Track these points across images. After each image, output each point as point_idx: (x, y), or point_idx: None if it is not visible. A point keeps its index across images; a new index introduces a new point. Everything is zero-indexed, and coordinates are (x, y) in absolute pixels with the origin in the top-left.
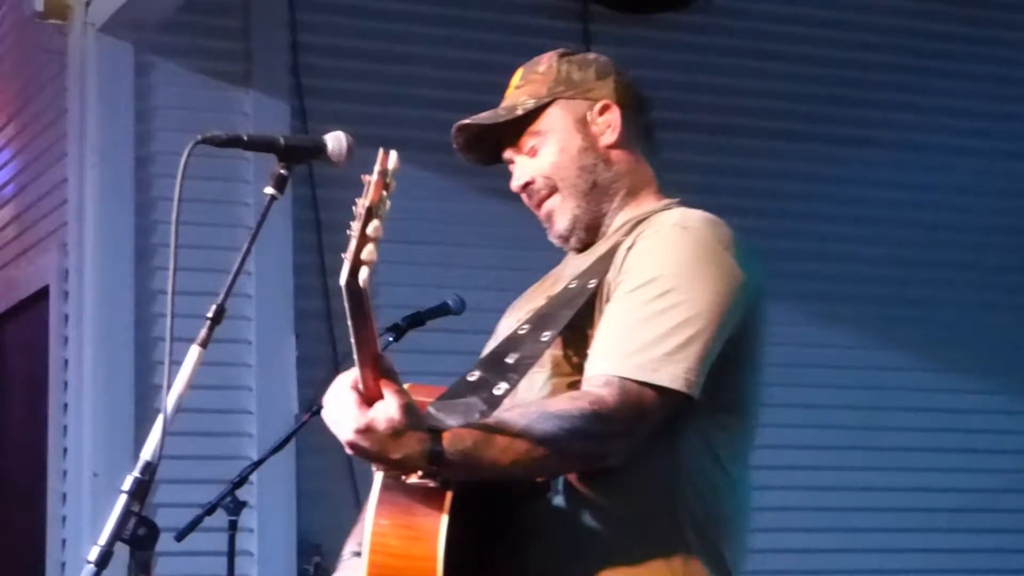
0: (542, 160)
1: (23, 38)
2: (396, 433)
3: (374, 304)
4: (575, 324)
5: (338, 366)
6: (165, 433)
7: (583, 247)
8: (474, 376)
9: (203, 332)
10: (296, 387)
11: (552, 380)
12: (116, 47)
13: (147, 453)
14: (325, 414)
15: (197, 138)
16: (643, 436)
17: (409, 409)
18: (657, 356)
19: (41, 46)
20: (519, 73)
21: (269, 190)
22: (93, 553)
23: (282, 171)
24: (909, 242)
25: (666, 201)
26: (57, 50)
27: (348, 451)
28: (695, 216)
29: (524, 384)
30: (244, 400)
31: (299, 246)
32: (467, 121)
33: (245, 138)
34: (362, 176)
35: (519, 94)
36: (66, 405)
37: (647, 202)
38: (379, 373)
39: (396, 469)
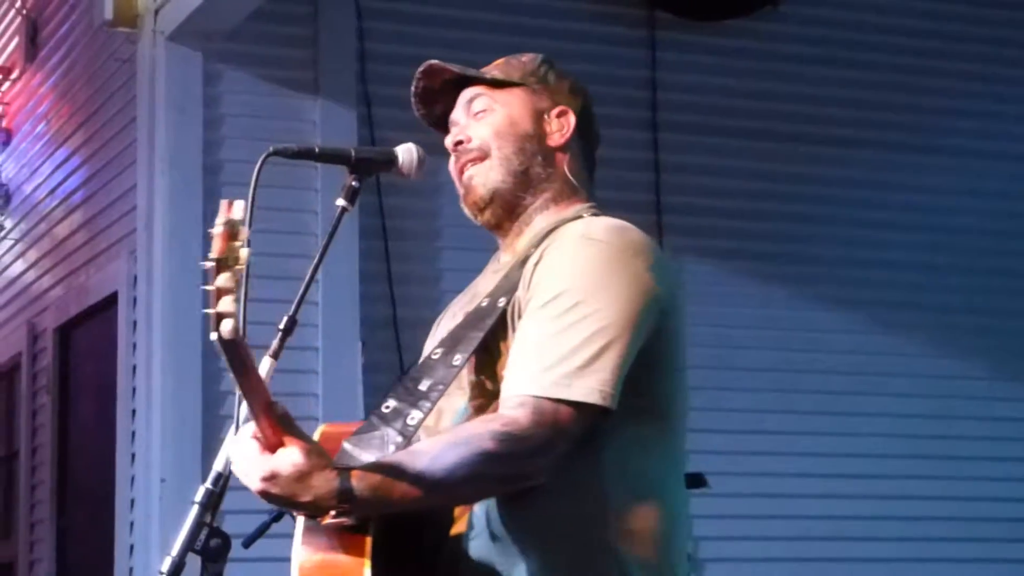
0: (484, 125)
1: (93, 46)
2: (302, 476)
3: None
4: (487, 345)
5: (404, 374)
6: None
7: (496, 225)
8: (388, 407)
9: (275, 343)
10: (362, 394)
11: (471, 403)
12: (185, 55)
13: (219, 464)
14: (234, 468)
15: (269, 150)
16: (563, 452)
17: (311, 451)
18: (569, 371)
19: (111, 54)
20: (502, 60)
21: (341, 202)
22: (165, 564)
23: (353, 183)
24: (977, 250)
25: (580, 207)
26: (126, 58)
27: (263, 501)
28: (601, 225)
29: (449, 410)
30: (311, 407)
31: (365, 254)
32: (435, 62)
33: (317, 150)
34: (208, 231)
35: (492, 69)
36: (134, 411)
37: (567, 211)
38: (275, 420)
39: (309, 512)
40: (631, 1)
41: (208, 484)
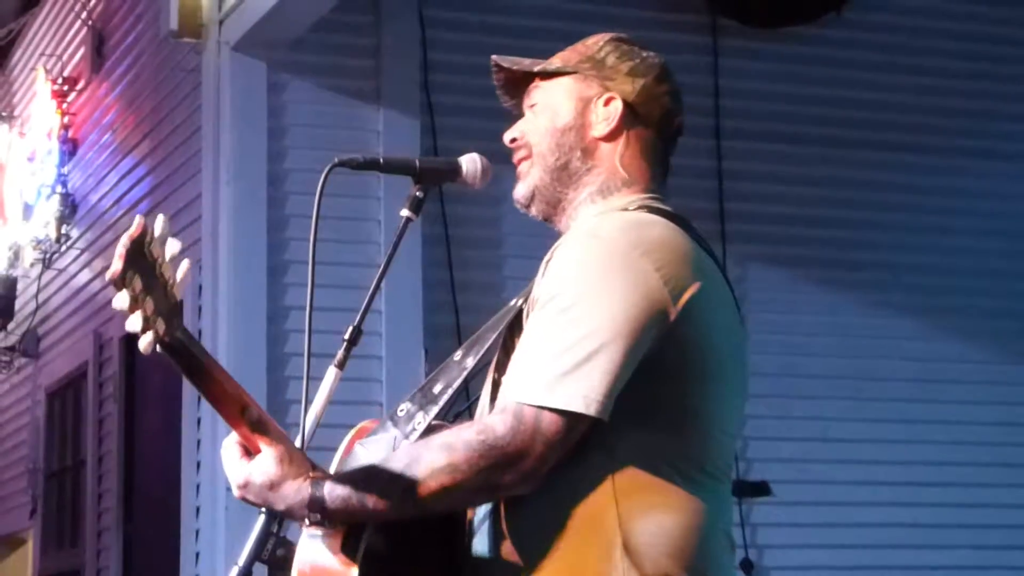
0: (531, 122)
1: (158, 56)
2: (273, 485)
3: None
4: (506, 345)
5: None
6: (304, 451)
7: (546, 219)
8: (403, 410)
9: (340, 353)
10: None
11: (491, 404)
12: (250, 65)
13: None
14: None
15: (335, 161)
16: (551, 461)
17: (284, 459)
18: (554, 376)
19: (176, 64)
20: (573, 45)
21: (406, 212)
22: (232, 573)
23: (418, 193)
24: None
25: (631, 198)
26: (192, 68)
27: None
28: (612, 222)
29: (482, 409)
30: (373, 415)
31: (428, 262)
32: (496, 58)
33: (382, 161)
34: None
35: (556, 57)
36: (200, 419)
37: (615, 203)
38: (250, 425)
39: (286, 518)
40: (694, 8)
41: None
